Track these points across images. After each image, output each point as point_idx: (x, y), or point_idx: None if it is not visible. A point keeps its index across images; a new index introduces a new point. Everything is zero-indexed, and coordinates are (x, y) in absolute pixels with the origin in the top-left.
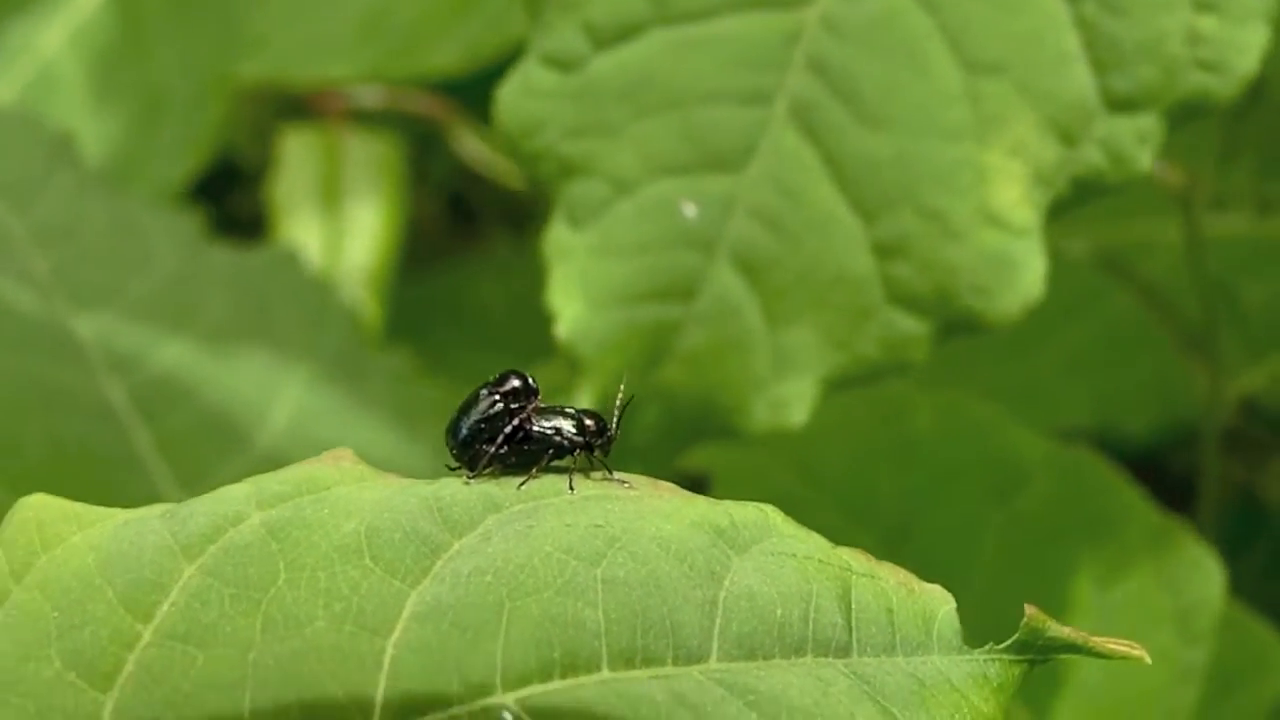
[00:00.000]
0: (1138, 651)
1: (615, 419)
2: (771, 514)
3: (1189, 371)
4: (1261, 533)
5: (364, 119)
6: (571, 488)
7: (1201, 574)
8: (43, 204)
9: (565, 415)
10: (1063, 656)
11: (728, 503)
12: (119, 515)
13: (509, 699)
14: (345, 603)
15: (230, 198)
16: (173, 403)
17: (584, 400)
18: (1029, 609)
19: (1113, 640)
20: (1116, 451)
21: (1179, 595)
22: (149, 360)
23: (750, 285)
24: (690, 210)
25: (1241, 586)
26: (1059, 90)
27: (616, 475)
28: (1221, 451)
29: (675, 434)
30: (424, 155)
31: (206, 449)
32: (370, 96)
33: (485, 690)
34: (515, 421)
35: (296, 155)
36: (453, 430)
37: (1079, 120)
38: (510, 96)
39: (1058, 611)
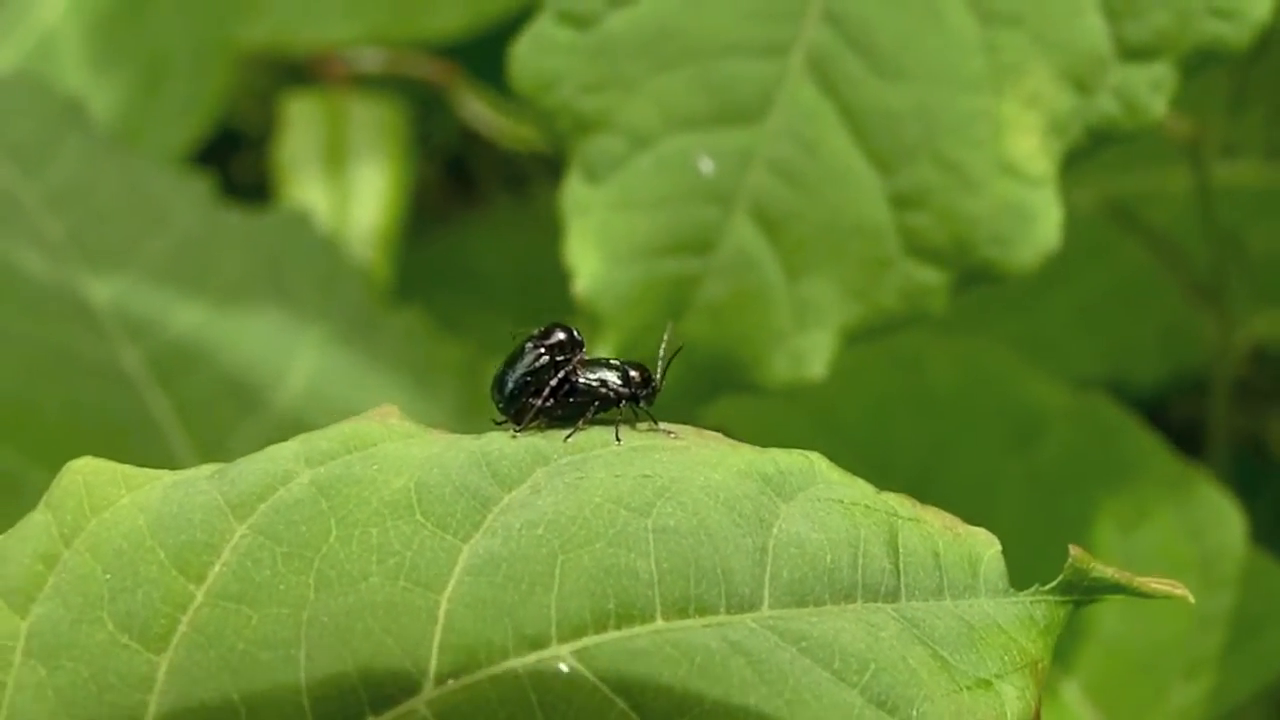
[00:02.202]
0: (1180, 590)
1: (660, 370)
2: (816, 460)
3: (1198, 321)
4: (1269, 481)
5: (366, 83)
6: (618, 439)
7: (1223, 520)
8: (54, 168)
9: (610, 367)
10: (1091, 602)
11: (774, 450)
12: (168, 476)
13: (565, 650)
14: (398, 558)
15: (233, 163)
16: (189, 367)
17: (604, 354)
18: (1074, 549)
19: (1155, 579)
20: (1126, 400)
21: (1201, 542)
22: (165, 325)
23: (768, 238)
24: (707, 164)
25: (1251, 535)
26: (1074, 40)
27: (662, 425)
28: (1229, 401)
29: (695, 388)
30: (426, 119)
31: (224, 412)
32: (372, 60)
33: (541, 642)
34: (561, 374)
35: (300, 120)
36: (498, 384)
37: (1093, 69)
38: (525, 53)
39: None
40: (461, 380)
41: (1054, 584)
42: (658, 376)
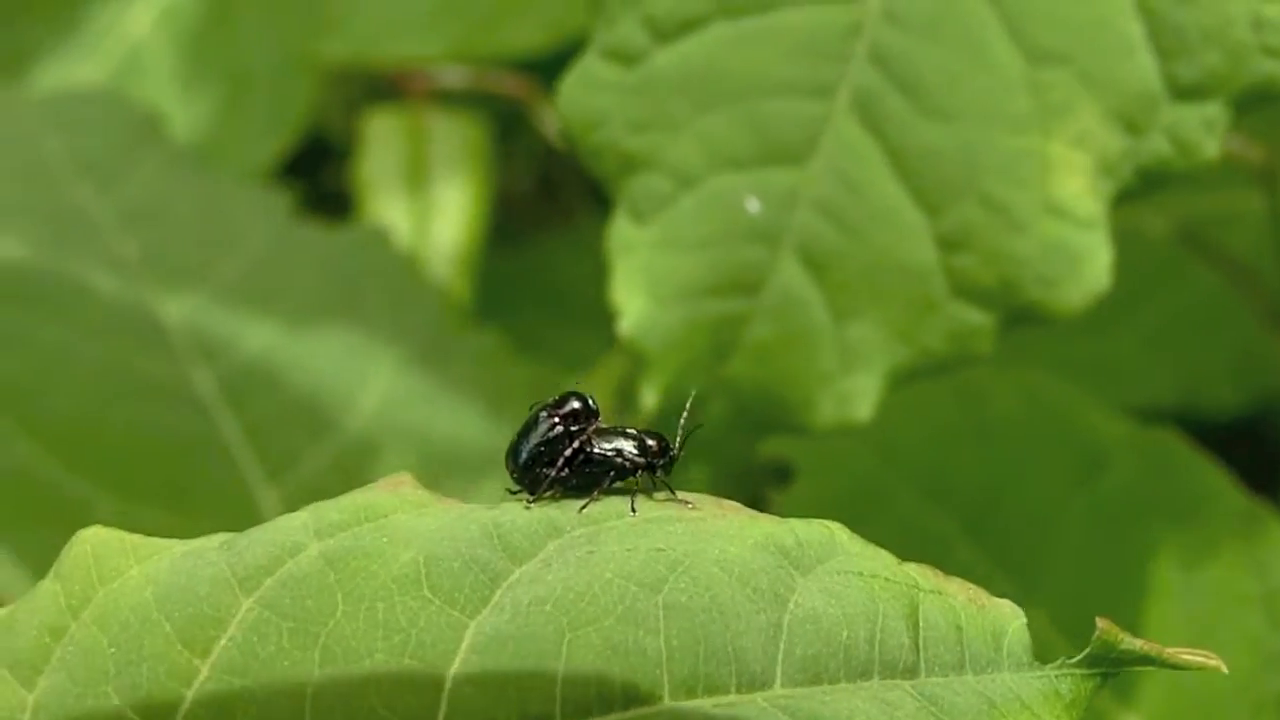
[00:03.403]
0: (1214, 662)
1: (680, 439)
2: (838, 531)
3: (1272, 346)
4: None
5: (449, 99)
6: (634, 510)
7: None
8: (130, 185)
9: (626, 436)
10: (1118, 674)
11: (794, 521)
12: (178, 547)
13: None
14: (404, 635)
15: (323, 174)
16: (260, 389)
17: (649, 397)
18: (1100, 622)
19: (1187, 651)
20: (1200, 428)
21: (1266, 579)
22: (237, 345)
23: (815, 279)
24: (754, 204)
25: None
26: (1123, 79)
27: (680, 495)
28: None
29: (742, 429)
30: (509, 134)
31: (294, 435)
32: (454, 76)
33: None
34: (575, 444)
35: (381, 136)
36: (513, 453)
37: (1144, 109)
38: (572, 90)
39: (1141, 595)
40: (528, 400)
41: (1080, 657)
42: (676, 445)
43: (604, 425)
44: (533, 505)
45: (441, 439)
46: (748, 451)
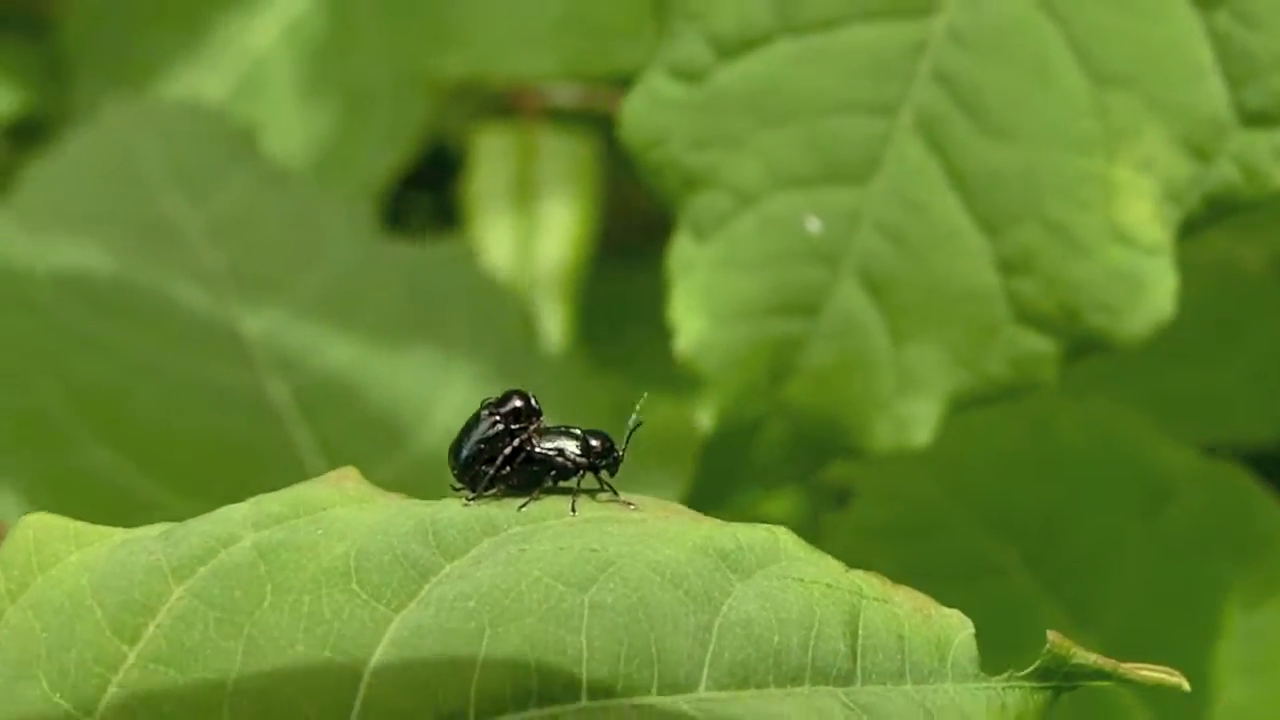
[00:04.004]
0: (1175, 678)
1: (624, 440)
2: (783, 536)
3: None
4: None
5: (560, 117)
6: (574, 510)
7: None
8: (220, 197)
9: (570, 436)
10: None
11: (737, 525)
12: (118, 535)
13: None
14: (326, 627)
15: (449, 187)
16: (335, 402)
17: (706, 418)
18: (1051, 635)
19: (1146, 666)
20: None
21: None
22: (314, 358)
23: (875, 301)
24: (814, 224)
25: None
26: (1191, 104)
27: (624, 497)
28: None
29: (800, 451)
30: (618, 154)
31: (367, 448)
32: (567, 95)
33: (455, 718)
34: (516, 442)
35: (491, 152)
36: (454, 451)
37: (1212, 135)
38: (635, 107)
39: (1200, 633)
40: (609, 421)
41: (1029, 670)
42: (621, 446)
43: (548, 425)
44: (472, 502)
45: None
46: (805, 475)
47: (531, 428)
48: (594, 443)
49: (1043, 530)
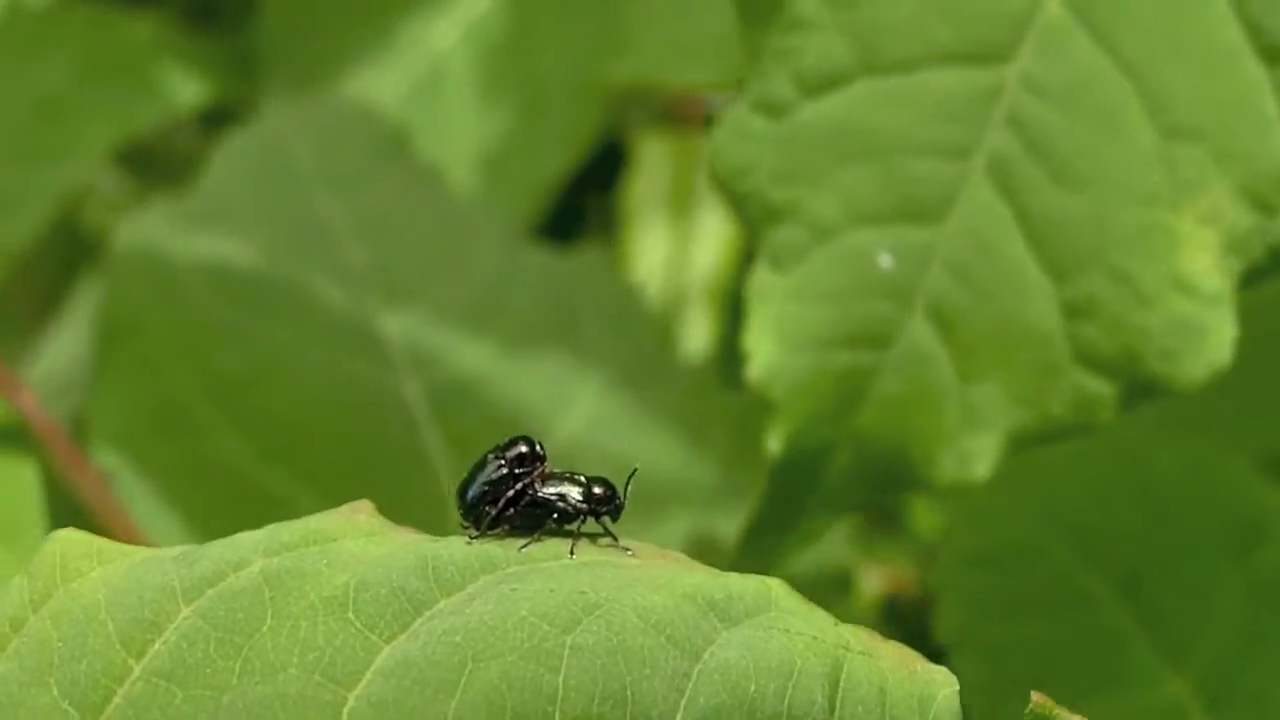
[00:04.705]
0: None
1: (625, 487)
2: (776, 588)
3: None
4: None
5: None
6: (572, 553)
7: None
8: (370, 198)
9: (574, 481)
10: None
11: (731, 575)
12: (139, 554)
13: None
14: (318, 653)
15: (617, 189)
16: (466, 402)
17: (775, 444)
18: (1035, 695)
19: None
20: None
21: None
22: (450, 359)
23: (943, 338)
24: (886, 260)
25: None
26: (1257, 158)
27: (623, 543)
28: None
29: (866, 480)
30: None
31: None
32: (726, 104)
33: None
34: (519, 485)
35: (651, 159)
36: (460, 492)
37: (1276, 188)
38: (723, 138)
39: None
40: (733, 435)
41: None
42: (622, 494)
43: (554, 470)
44: (475, 541)
45: (636, 465)
46: (870, 503)
47: (535, 472)
48: (596, 489)
49: (1136, 564)
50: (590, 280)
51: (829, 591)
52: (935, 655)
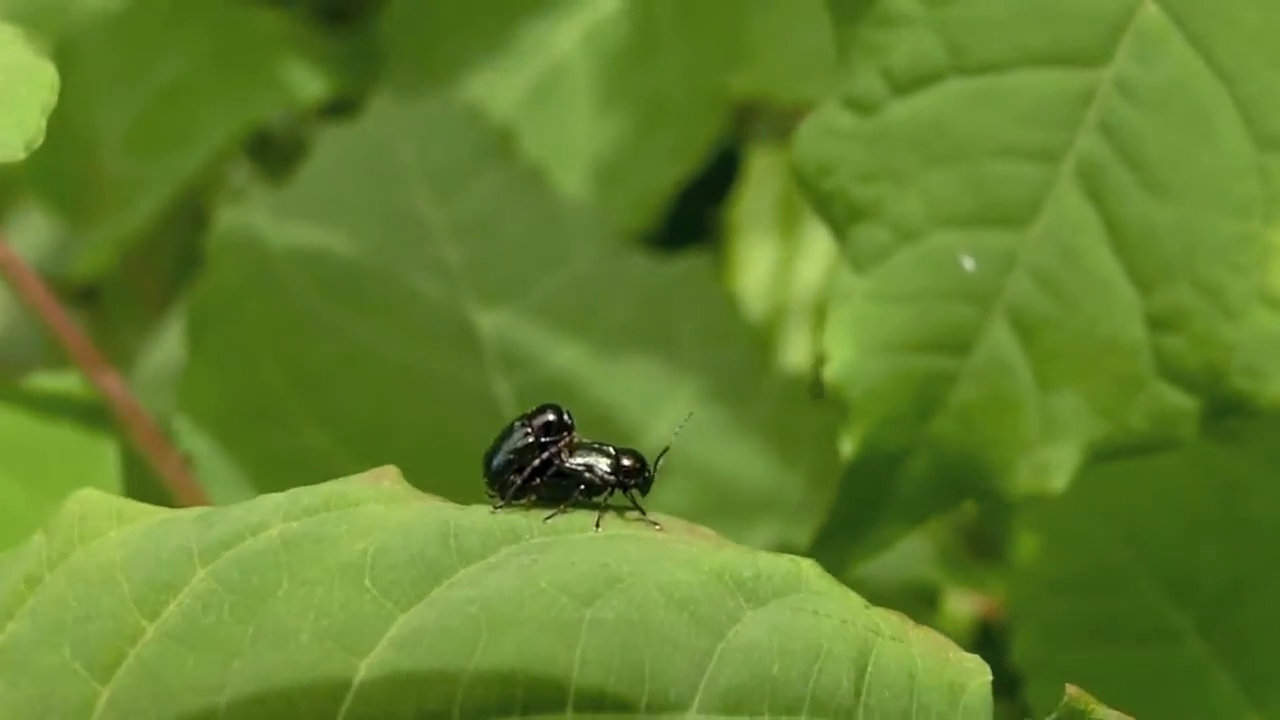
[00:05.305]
0: None
1: (656, 461)
2: (807, 569)
3: None
4: None
5: None
6: (598, 525)
7: None
8: (469, 197)
9: (603, 453)
10: None
11: (760, 554)
12: (159, 515)
13: None
14: (332, 619)
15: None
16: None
17: (849, 446)
18: (1070, 688)
19: None
20: None
21: None
22: (542, 359)
23: (1023, 345)
24: (969, 263)
25: None
26: None
27: (651, 516)
28: None
29: (941, 487)
30: None
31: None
32: None
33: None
34: (545, 455)
35: (761, 173)
36: (486, 460)
37: None
38: (808, 136)
39: None
40: (823, 450)
41: None
42: (652, 467)
43: (583, 440)
44: (500, 511)
45: (725, 475)
46: (945, 510)
47: (563, 442)
48: (625, 461)
49: (1222, 598)
50: (689, 288)
51: (912, 608)
52: (1012, 680)
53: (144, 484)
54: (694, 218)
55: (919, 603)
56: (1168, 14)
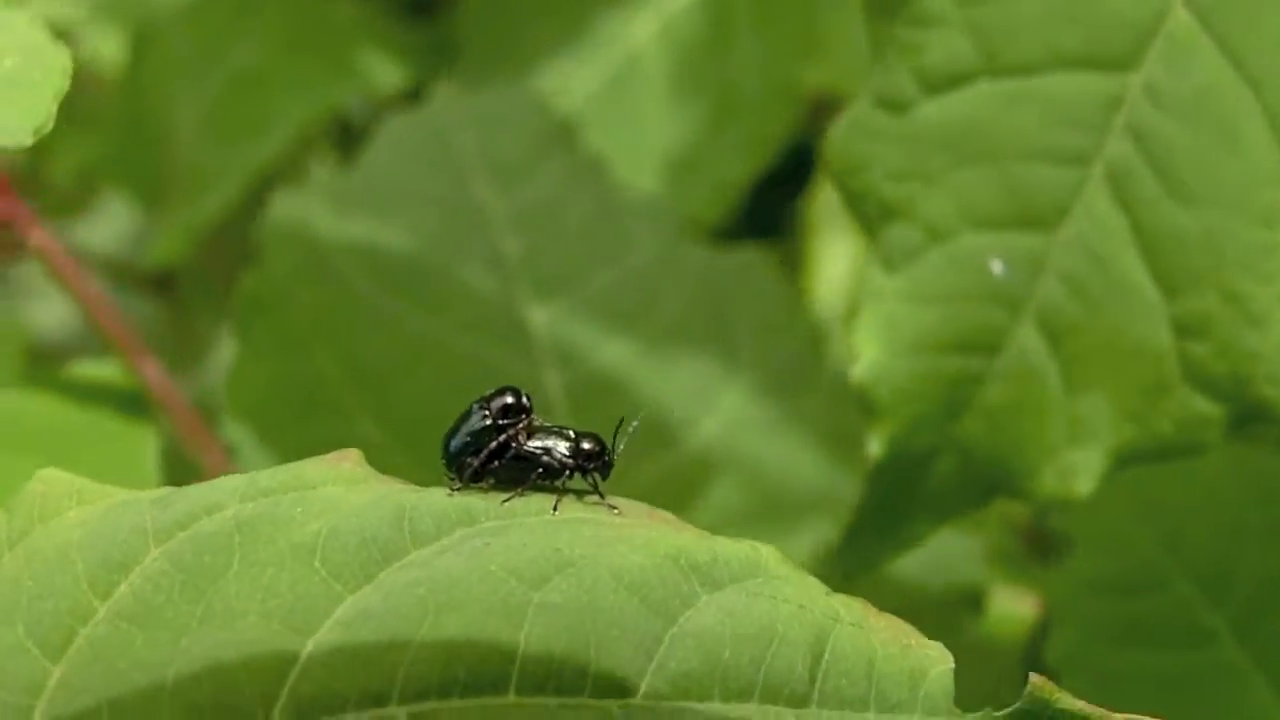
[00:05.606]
0: None
1: (614, 444)
2: (766, 554)
3: None
4: None
5: None
6: (555, 509)
7: None
8: (529, 187)
9: (562, 436)
10: None
11: (718, 539)
12: (118, 495)
13: (402, 712)
14: (280, 600)
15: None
16: (607, 397)
17: (876, 445)
18: (1034, 678)
19: (1135, 717)
20: None
21: None
22: (594, 353)
23: (1052, 348)
24: (998, 266)
25: None
26: None
27: (609, 500)
28: None
29: (968, 488)
30: None
31: (631, 446)
32: None
33: (380, 700)
34: (502, 438)
35: None
36: (444, 442)
37: None
38: (842, 134)
39: None
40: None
41: (1008, 710)
42: (611, 450)
43: (544, 423)
44: (458, 494)
45: (775, 472)
46: (971, 511)
47: (521, 425)
48: (585, 445)
49: (1258, 601)
50: (747, 281)
51: (956, 611)
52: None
53: (184, 474)
54: (771, 213)
55: (964, 605)
56: (1198, 20)
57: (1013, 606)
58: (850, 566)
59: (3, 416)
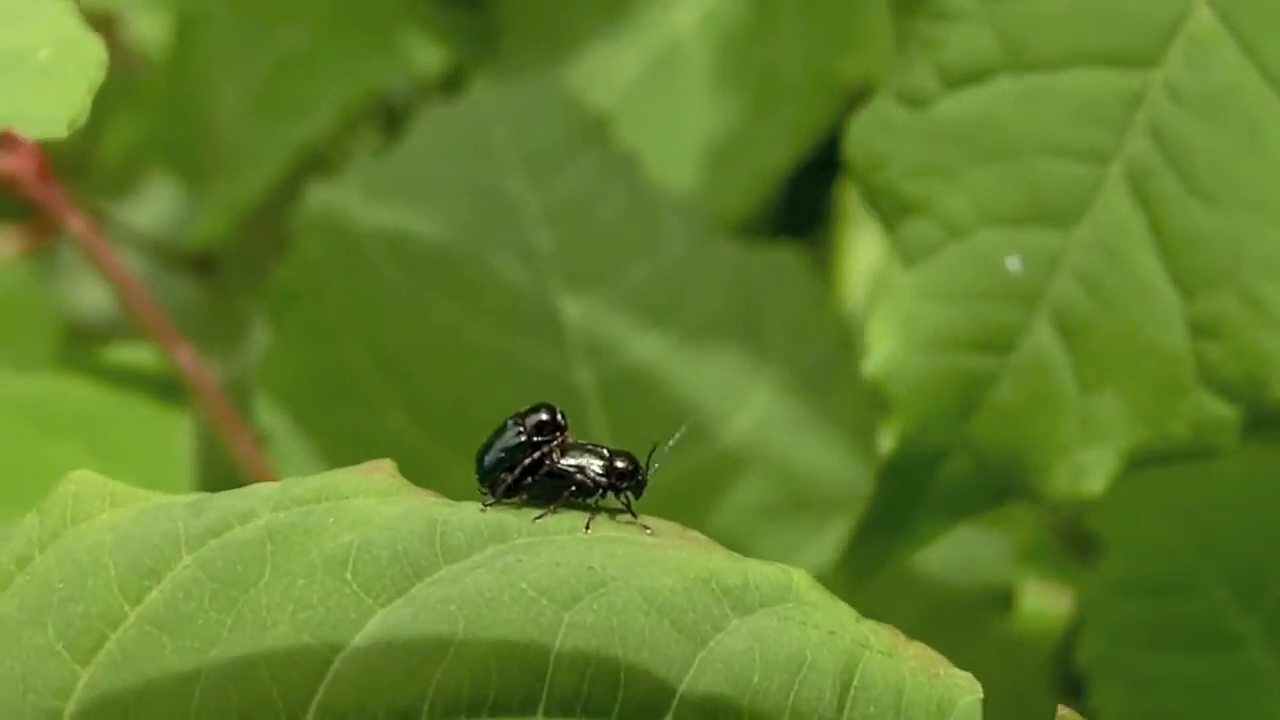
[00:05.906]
0: None
1: (649, 464)
2: (798, 578)
3: None
4: None
5: None
6: (588, 527)
7: None
8: (562, 181)
9: (595, 454)
10: None
11: (750, 562)
12: (153, 500)
13: None
14: (311, 612)
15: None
16: (638, 392)
17: (888, 442)
18: (1062, 710)
19: None
20: None
21: None
22: (625, 347)
23: (1066, 346)
24: (1015, 263)
25: None
26: None
27: (642, 520)
28: None
29: (980, 486)
30: None
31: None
32: None
33: (409, 716)
34: (536, 455)
35: None
36: (478, 458)
37: None
38: (861, 128)
39: None
40: None
41: None
42: (644, 469)
43: (576, 441)
44: (490, 509)
45: (804, 469)
46: (983, 510)
47: (555, 442)
48: (619, 463)
49: None
50: (777, 280)
51: (985, 611)
52: (1075, 681)
53: (217, 460)
54: (807, 201)
55: (992, 605)
56: (1220, 19)
57: (1047, 603)
58: (859, 564)
59: (38, 399)
